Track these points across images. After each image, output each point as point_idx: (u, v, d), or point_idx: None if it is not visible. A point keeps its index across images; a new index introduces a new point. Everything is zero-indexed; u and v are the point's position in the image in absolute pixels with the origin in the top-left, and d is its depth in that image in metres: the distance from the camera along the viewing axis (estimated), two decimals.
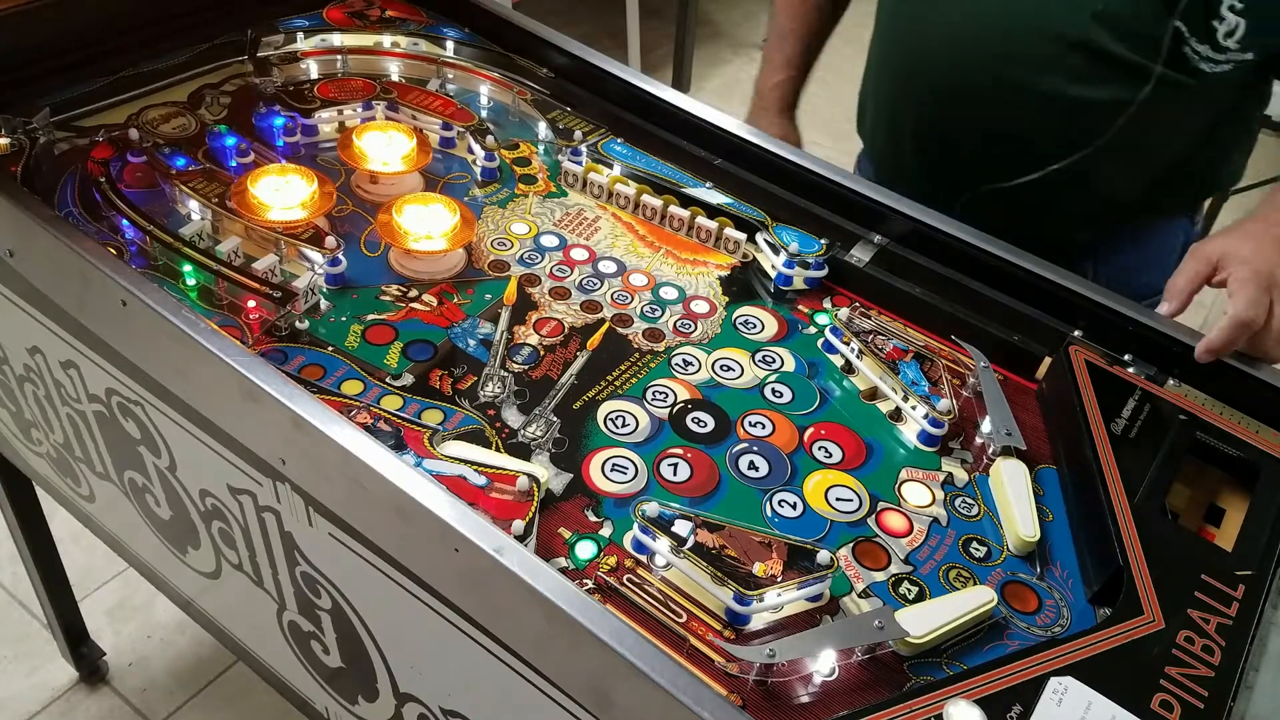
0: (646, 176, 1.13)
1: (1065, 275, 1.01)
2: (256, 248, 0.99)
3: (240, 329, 0.91)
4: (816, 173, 1.11)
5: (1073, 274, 1.01)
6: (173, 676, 1.76)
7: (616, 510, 0.81)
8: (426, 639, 0.83)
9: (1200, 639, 0.72)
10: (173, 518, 1.07)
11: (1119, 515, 0.80)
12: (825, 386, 0.95)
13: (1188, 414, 0.90)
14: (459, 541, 0.71)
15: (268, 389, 0.79)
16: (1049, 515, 0.84)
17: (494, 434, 0.86)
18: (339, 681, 1.00)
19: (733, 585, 0.73)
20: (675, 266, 1.07)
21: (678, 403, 0.91)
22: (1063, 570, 0.81)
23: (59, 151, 1.05)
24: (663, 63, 3.50)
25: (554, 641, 0.70)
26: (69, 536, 1.61)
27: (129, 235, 0.97)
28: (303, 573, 0.92)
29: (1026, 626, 0.76)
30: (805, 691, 0.71)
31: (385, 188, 1.11)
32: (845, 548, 0.81)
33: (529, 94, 1.26)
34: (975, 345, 0.98)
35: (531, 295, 1.01)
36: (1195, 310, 0.97)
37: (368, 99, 1.19)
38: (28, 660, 1.76)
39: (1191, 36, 0.98)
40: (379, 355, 0.92)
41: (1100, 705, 0.67)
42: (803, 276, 1.05)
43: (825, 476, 0.86)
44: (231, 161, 1.08)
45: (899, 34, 1.19)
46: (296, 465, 0.83)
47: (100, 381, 1.01)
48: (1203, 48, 0.99)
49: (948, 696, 0.67)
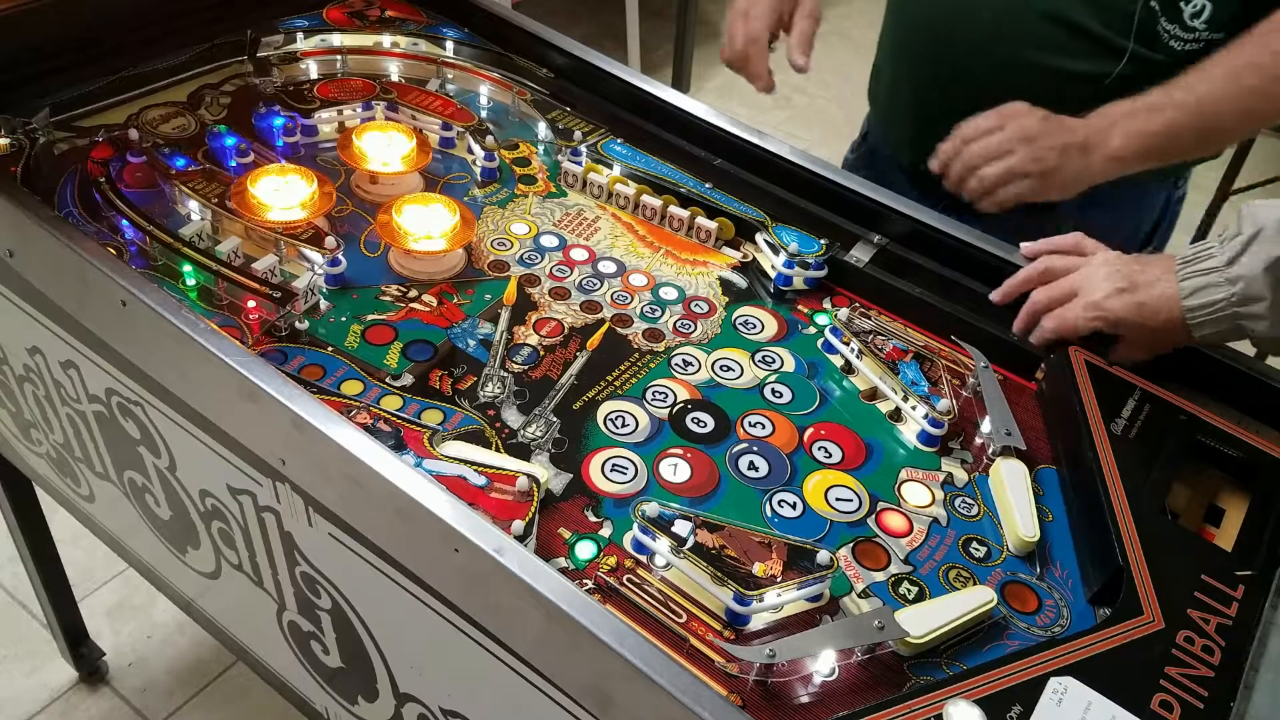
0: (646, 176, 1.13)
1: None
2: (256, 248, 0.99)
3: (240, 329, 0.91)
4: (816, 173, 1.11)
5: None
6: (173, 676, 1.76)
7: (616, 510, 0.81)
8: (426, 639, 0.83)
9: (1200, 639, 0.72)
10: (172, 518, 1.07)
11: (1119, 515, 0.80)
12: (825, 386, 0.95)
13: (1188, 414, 0.90)
14: (459, 541, 0.71)
15: (268, 389, 0.79)
16: (1049, 515, 0.84)
17: (494, 434, 0.86)
18: (339, 681, 1.00)
19: (733, 585, 0.73)
20: (675, 267, 1.07)
21: (677, 403, 0.91)
22: (1063, 570, 0.81)
23: (59, 151, 1.05)
24: (663, 63, 3.49)
25: (554, 641, 0.70)
26: (69, 537, 1.61)
27: (129, 235, 0.97)
28: (302, 573, 0.92)
29: (1026, 627, 0.76)
30: (805, 691, 0.71)
31: (385, 188, 1.11)
32: (845, 548, 0.81)
33: (529, 94, 1.26)
34: (975, 345, 0.98)
35: (531, 295, 1.01)
36: None
37: (367, 99, 1.19)
38: (28, 660, 1.75)
39: (1162, 15, 1.02)
40: (379, 355, 0.92)
41: (1100, 705, 0.67)
42: (802, 276, 1.05)
43: (825, 477, 0.86)
44: (231, 161, 1.08)
45: (903, 9, 1.22)
46: (296, 465, 0.83)
47: (100, 381, 1.01)
48: (1172, 27, 1.03)
49: (948, 696, 0.67)
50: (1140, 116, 1.01)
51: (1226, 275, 0.86)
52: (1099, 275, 0.93)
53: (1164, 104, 1.00)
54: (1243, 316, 0.86)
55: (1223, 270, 0.86)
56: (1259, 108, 1.01)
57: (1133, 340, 0.93)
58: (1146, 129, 1.00)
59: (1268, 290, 0.84)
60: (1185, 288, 0.88)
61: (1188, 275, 0.89)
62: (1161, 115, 1.00)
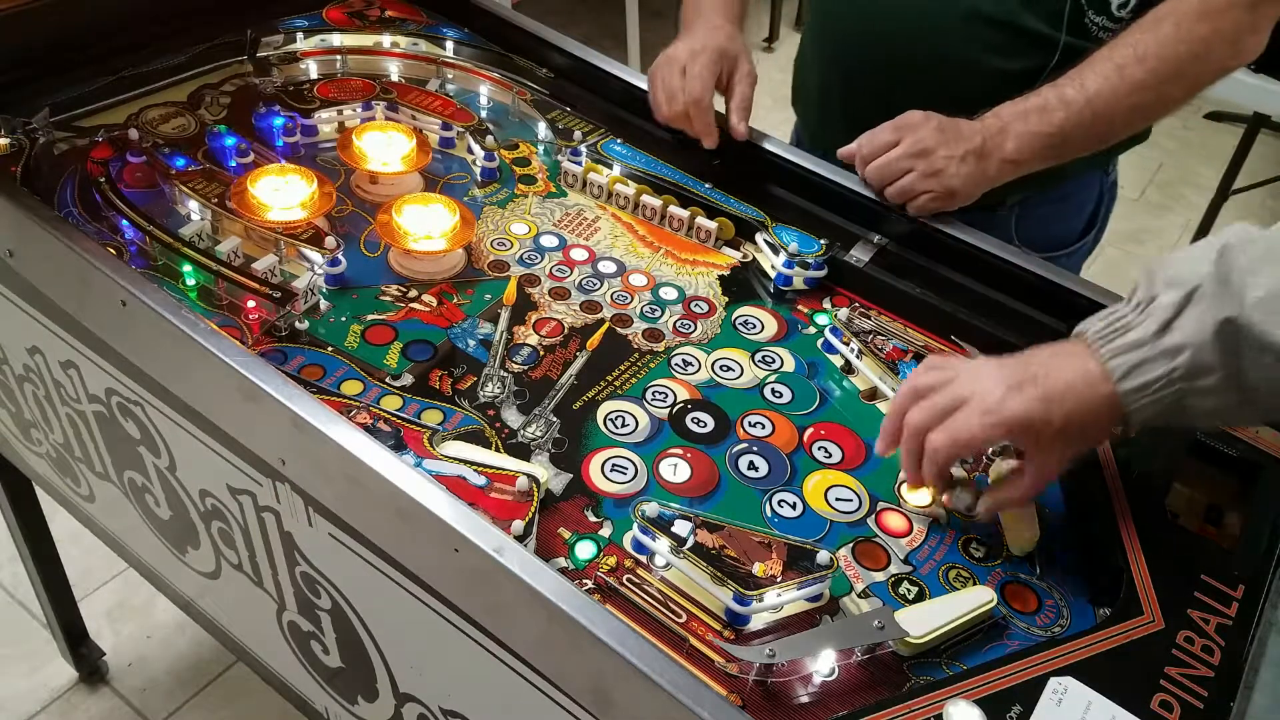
0: (646, 176, 1.13)
1: (1065, 275, 1.01)
2: (256, 248, 0.99)
3: (240, 329, 0.91)
4: (816, 173, 1.11)
5: (1072, 274, 1.02)
6: (173, 676, 1.76)
7: (616, 510, 0.81)
8: (426, 639, 0.83)
9: (1200, 639, 0.72)
10: (172, 518, 1.07)
11: (1119, 515, 0.80)
12: (825, 386, 0.95)
13: None
14: (459, 541, 0.71)
15: (267, 389, 0.79)
16: (1049, 515, 0.84)
17: (494, 434, 0.86)
18: (339, 681, 1.00)
19: (732, 585, 0.73)
20: (675, 266, 1.07)
21: (677, 403, 0.91)
22: (1063, 570, 0.81)
23: (59, 151, 1.05)
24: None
25: (554, 641, 0.70)
26: (69, 537, 1.61)
27: (129, 235, 0.97)
28: (302, 573, 0.92)
29: (1026, 626, 0.76)
30: (805, 691, 0.70)
31: (385, 188, 1.11)
32: (845, 548, 0.81)
33: (529, 94, 1.26)
34: (975, 345, 0.98)
35: (531, 295, 1.01)
36: None
37: (367, 99, 1.19)
38: (28, 660, 1.75)
39: (1089, 8, 1.03)
40: (379, 355, 0.92)
41: (1100, 705, 0.67)
42: (802, 276, 1.05)
43: (825, 476, 0.86)
44: (231, 161, 1.08)
45: (829, 15, 1.21)
46: (296, 465, 0.83)
47: (100, 381, 1.01)
48: (1099, 18, 1.03)
49: (948, 696, 0.67)
50: (1032, 118, 1.01)
51: (1162, 347, 0.69)
52: (985, 374, 0.75)
53: (1054, 105, 1.00)
54: (1190, 393, 0.69)
55: (1154, 341, 0.69)
56: (1147, 103, 1.01)
57: (1040, 458, 0.76)
58: (1039, 130, 1.00)
59: (1219, 360, 0.67)
60: (1116, 367, 0.71)
61: (1114, 352, 0.71)
62: (1053, 117, 1.00)
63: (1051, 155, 1.03)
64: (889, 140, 1.03)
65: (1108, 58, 1.00)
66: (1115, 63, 1.00)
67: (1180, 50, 0.98)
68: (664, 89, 1.12)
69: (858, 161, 1.06)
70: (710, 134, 1.12)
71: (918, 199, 1.02)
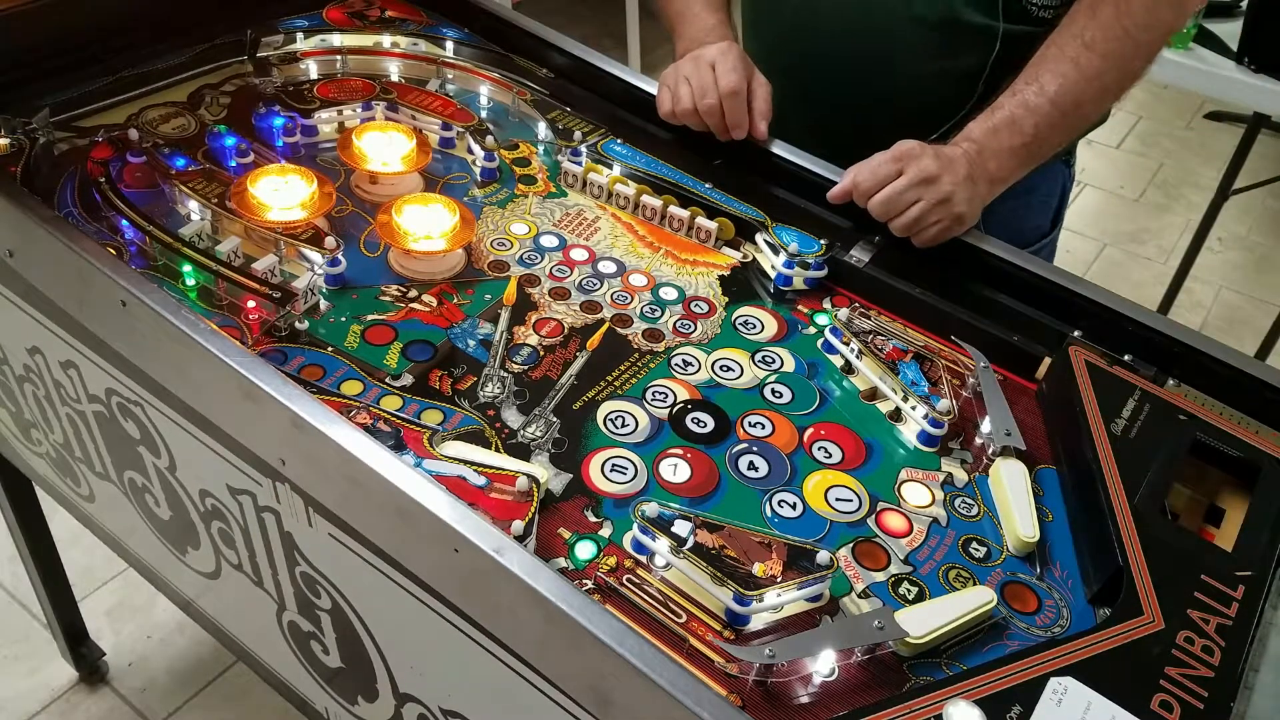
0: (646, 176, 1.13)
1: (1065, 275, 1.01)
2: (256, 248, 0.99)
3: (240, 329, 0.91)
4: (816, 173, 1.11)
5: (1072, 274, 1.01)
6: (173, 676, 1.76)
7: (616, 510, 0.81)
8: (426, 639, 0.83)
9: (1200, 639, 0.72)
10: (172, 518, 1.07)
11: (1119, 515, 0.80)
12: (825, 387, 0.95)
13: (1188, 414, 0.90)
14: (459, 542, 0.71)
15: (267, 389, 0.79)
16: (1049, 515, 0.84)
17: (494, 434, 0.86)
18: (339, 681, 1.00)
19: (732, 585, 0.73)
20: (675, 267, 1.07)
21: (677, 403, 0.91)
22: (1063, 570, 0.81)
23: (59, 152, 1.05)
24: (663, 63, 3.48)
25: (554, 641, 0.70)
26: (69, 537, 1.61)
27: (129, 235, 0.97)
28: (302, 573, 0.92)
29: (1026, 627, 0.76)
30: (805, 692, 0.70)
31: (385, 188, 1.11)
32: (845, 548, 0.80)
33: (529, 94, 1.26)
34: (975, 345, 0.98)
35: (531, 295, 1.01)
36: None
37: (367, 99, 1.19)
38: (28, 660, 1.76)
39: None
40: (379, 355, 0.92)
41: (1100, 705, 0.67)
42: (802, 277, 1.05)
43: (825, 477, 0.86)
44: (231, 162, 1.08)
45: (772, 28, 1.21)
46: (296, 465, 0.83)
47: (100, 382, 1.01)
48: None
49: (948, 697, 0.67)
50: (1003, 134, 1.01)
51: None
52: None
53: (1021, 115, 1.00)
54: None
55: None
56: (1110, 84, 1.01)
57: None
58: (1013, 144, 1.01)
59: None
60: None
61: None
62: (1023, 126, 1.01)
63: (1032, 161, 1.03)
64: (891, 171, 1.01)
65: (1059, 54, 1.00)
66: (1069, 56, 1.00)
67: (1126, 25, 0.99)
68: (696, 84, 1.11)
69: (857, 195, 1.03)
70: (741, 125, 1.12)
71: (928, 230, 1.01)
